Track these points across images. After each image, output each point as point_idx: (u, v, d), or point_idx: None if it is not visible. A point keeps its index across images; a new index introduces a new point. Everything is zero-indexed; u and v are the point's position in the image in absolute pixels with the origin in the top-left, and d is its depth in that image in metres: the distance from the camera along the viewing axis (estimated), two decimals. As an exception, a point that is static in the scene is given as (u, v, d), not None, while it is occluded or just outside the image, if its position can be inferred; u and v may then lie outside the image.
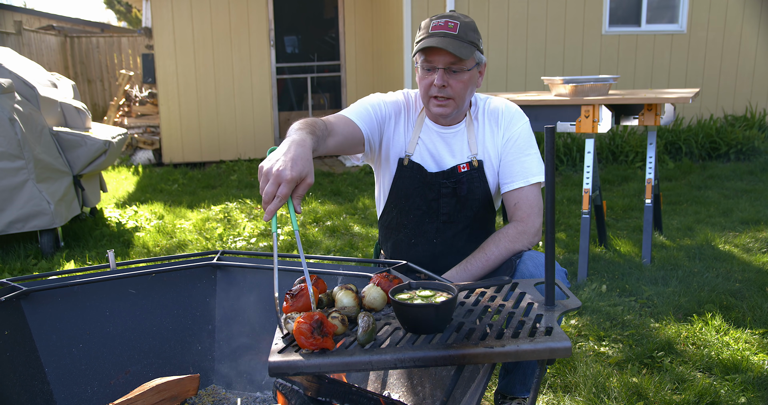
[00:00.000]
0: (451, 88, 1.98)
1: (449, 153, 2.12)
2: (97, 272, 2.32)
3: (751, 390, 2.51)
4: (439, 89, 1.97)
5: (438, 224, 2.14)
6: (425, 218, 2.14)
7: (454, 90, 1.98)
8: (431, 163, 2.12)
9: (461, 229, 2.15)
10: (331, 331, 1.39)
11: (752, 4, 8.03)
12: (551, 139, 1.42)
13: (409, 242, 2.19)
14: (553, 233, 1.48)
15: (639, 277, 3.76)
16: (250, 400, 2.20)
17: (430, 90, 2.00)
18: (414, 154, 2.12)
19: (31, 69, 5.00)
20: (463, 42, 1.93)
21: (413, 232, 2.18)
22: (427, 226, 2.15)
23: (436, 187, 2.10)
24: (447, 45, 1.90)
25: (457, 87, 1.98)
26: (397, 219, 2.20)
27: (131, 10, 26.43)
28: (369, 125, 2.08)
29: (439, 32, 1.93)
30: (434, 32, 1.94)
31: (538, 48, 7.74)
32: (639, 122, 3.88)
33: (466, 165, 2.09)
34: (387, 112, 2.14)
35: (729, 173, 6.68)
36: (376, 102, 2.14)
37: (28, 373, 2.00)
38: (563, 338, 1.34)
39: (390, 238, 2.26)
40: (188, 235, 4.99)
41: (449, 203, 2.12)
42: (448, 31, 1.92)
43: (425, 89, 2.01)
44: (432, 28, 1.95)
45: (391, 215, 2.23)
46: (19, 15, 13.80)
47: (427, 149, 2.12)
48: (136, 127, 9.43)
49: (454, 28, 1.93)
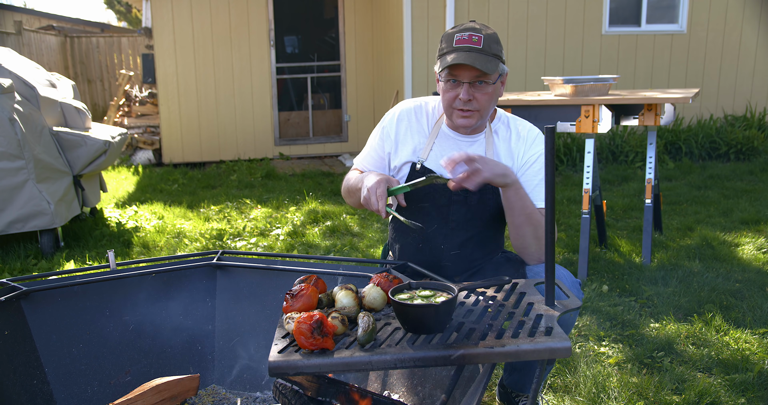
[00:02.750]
0: (477, 101, 1.98)
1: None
2: (97, 272, 2.32)
3: (751, 390, 2.51)
4: (464, 103, 1.98)
5: (447, 231, 2.12)
6: (434, 224, 2.13)
7: (480, 103, 1.99)
8: (445, 170, 2.11)
9: (470, 237, 2.13)
10: (331, 331, 1.39)
11: (752, 4, 8.03)
12: (551, 139, 1.42)
13: (417, 247, 2.18)
14: (553, 233, 1.48)
15: (639, 277, 3.76)
16: (250, 400, 2.20)
17: (455, 103, 2.00)
18: (427, 160, 2.12)
19: (31, 69, 5.00)
20: (488, 56, 1.93)
21: (421, 236, 2.16)
22: (436, 231, 2.13)
23: (447, 193, 2.08)
24: (474, 61, 1.89)
25: (482, 100, 1.98)
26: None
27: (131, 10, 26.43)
28: (379, 166, 2.19)
29: (464, 46, 1.92)
30: (459, 46, 1.93)
31: (538, 48, 7.74)
32: (639, 122, 3.88)
33: None
34: (390, 139, 2.18)
35: (729, 173, 6.68)
36: (378, 137, 2.20)
37: (28, 373, 2.00)
38: (563, 338, 1.34)
39: (398, 240, 2.25)
40: (188, 235, 4.99)
41: (459, 211, 2.10)
42: (473, 46, 1.92)
43: (449, 102, 2.01)
44: (456, 42, 1.94)
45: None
46: (19, 15, 13.80)
47: (442, 156, 2.11)
48: (136, 127, 9.43)
49: (478, 42, 1.92)
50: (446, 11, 7.30)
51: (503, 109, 2.29)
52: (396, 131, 2.16)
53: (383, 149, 2.18)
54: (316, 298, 1.58)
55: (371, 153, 2.21)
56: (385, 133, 2.18)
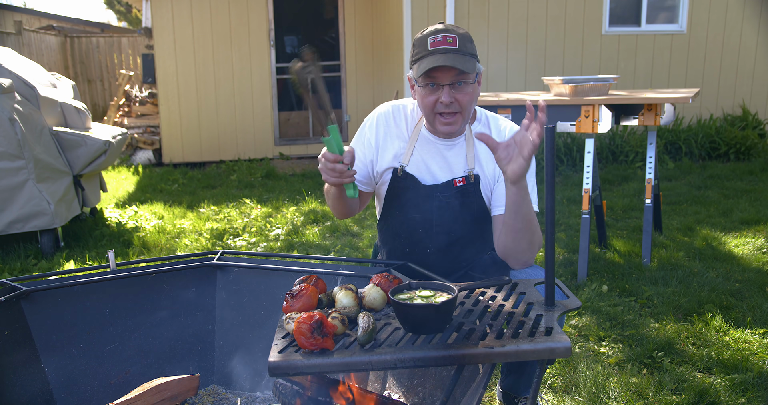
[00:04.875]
0: (458, 103, 1.95)
1: (446, 166, 2.09)
2: (97, 272, 2.32)
3: (751, 390, 2.51)
4: (446, 106, 1.94)
5: (432, 235, 2.11)
6: (419, 228, 2.11)
7: (462, 104, 1.95)
8: (426, 175, 2.09)
9: (456, 240, 2.12)
10: (331, 331, 1.39)
11: (752, 4, 8.03)
12: (551, 139, 1.42)
13: (404, 250, 2.17)
14: (553, 233, 1.48)
15: (639, 277, 3.76)
16: (250, 400, 2.20)
17: (436, 107, 1.96)
18: (408, 165, 2.09)
19: (31, 69, 5.00)
20: (465, 56, 1.90)
21: (407, 241, 2.16)
22: (421, 235, 2.12)
23: (430, 199, 2.07)
24: (454, 62, 1.86)
25: (464, 101, 1.95)
26: (392, 227, 2.19)
27: (131, 10, 26.41)
28: (364, 174, 2.11)
29: (439, 49, 1.88)
30: (434, 49, 1.89)
31: (538, 48, 7.74)
32: (639, 122, 3.88)
33: (462, 179, 2.07)
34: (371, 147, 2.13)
35: (729, 173, 6.68)
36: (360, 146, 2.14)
37: (28, 373, 2.00)
38: (563, 338, 1.34)
39: (386, 244, 2.25)
40: (188, 235, 4.99)
41: (443, 216, 2.09)
42: (449, 47, 1.88)
43: (430, 107, 1.97)
44: (431, 45, 1.90)
45: (386, 223, 2.21)
46: (19, 15, 13.79)
47: (423, 160, 2.09)
48: (136, 127, 9.43)
49: (453, 43, 1.89)
50: (446, 11, 7.30)
51: (504, 109, 2.28)
52: (376, 138, 2.13)
53: (366, 157, 2.13)
54: (316, 298, 1.58)
55: (360, 160, 2.15)
56: (366, 141, 2.14)
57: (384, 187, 2.14)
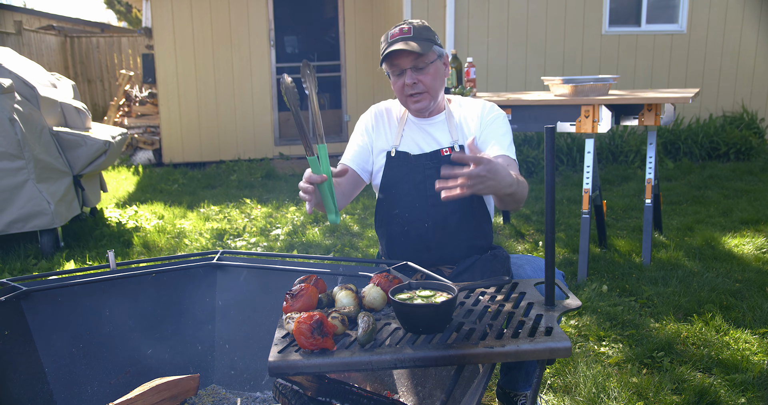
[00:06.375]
0: (422, 83, 2.13)
1: (432, 140, 2.26)
2: (97, 272, 2.32)
3: (751, 390, 2.51)
4: (411, 87, 2.13)
5: (427, 207, 2.19)
6: (415, 203, 2.21)
7: (426, 84, 2.14)
8: (416, 149, 2.26)
9: (451, 212, 2.19)
10: (331, 331, 1.39)
11: (752, 4, 8.03)
12: (551, 139, 1.42)
13: (402, 231, 2.23)
14: (553, 233, 1.48)
15: (639, 277, 3.77)
16: (250, 400, 2.20)
17: (405, 90, 2.16)
18: (400, 145, 2.27)
19: (31, 69, 5.00)
20: (420, 40, 2.10)
21: (404, 219, 2.23)
22: (418, 210, 2.21)
23: (421, 168, 2.20)
24: (408, 46, 2.07)
25: (426, 80, 2.13)
26: (389, 209, 2.25)
27: (131, 10, 26.41)
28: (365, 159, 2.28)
29: (396, 39, 2.11)
30: (392, 40, 2.12)
31: (538, 48, 7.74)
32: (639, 122, 3.88)
33: (449, 149, 2.23)
34: (370, 133, 2.31)
35: (729, 173, 6.68)
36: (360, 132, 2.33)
37: (28, 373, 2.00)
38: (563, 338, 1.34)
39: (384, 234, 2.28)
40: (188, 235, 4.99)
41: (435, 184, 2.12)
42: (405, 35, 2.11)
43: (401, 92, 2.18)
44: (390, 37, 2.14)
45: (383, 208, 2.28)
46: (19, 15, 13.79)
47: (413, 139, 2.27)
48: (136, 127, 9.43)
49: (409, 32, 2.12)
50: (446, 11, 7.30)
51: (504, 109, 2.31)
52: (374, 126, 2.32)
53: (366, 142, 2.31)
54: (316, 298, 1.58)
55: (355, 148, 2.32)
56: (367, 127, 2.33)
57: (380, 173, 2.27)
